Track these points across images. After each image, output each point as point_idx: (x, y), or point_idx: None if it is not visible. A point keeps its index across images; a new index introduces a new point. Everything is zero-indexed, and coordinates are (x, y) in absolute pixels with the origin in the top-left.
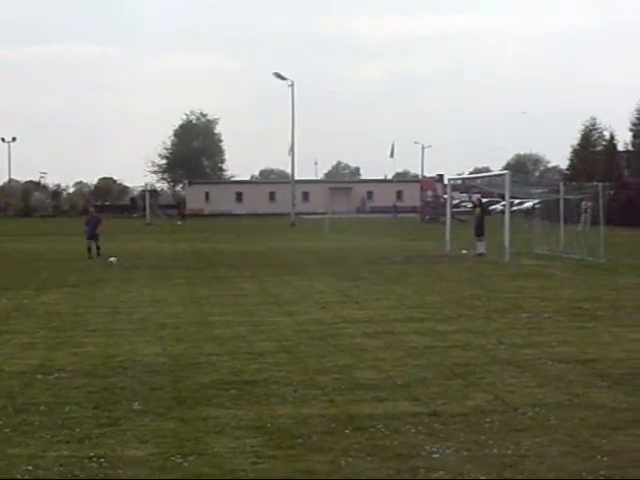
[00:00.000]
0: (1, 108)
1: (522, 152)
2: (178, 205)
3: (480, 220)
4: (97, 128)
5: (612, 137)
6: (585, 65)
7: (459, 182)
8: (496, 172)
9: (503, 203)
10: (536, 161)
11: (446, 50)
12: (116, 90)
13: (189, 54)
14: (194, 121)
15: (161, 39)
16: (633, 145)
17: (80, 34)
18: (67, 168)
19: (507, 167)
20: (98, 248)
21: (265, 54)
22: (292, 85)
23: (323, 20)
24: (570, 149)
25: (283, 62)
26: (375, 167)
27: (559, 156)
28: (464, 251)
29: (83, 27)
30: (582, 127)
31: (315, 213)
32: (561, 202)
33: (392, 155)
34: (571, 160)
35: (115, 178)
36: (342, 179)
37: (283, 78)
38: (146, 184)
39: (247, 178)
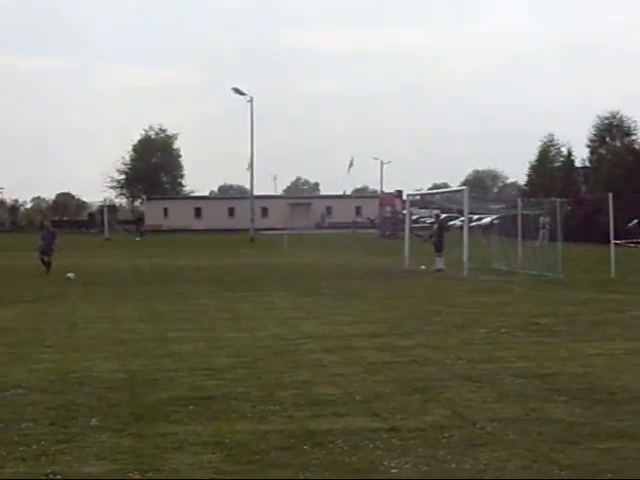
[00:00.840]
0: None
1: (480, 168)
2: (137, 221)
3: (439, 236)
4: (55, 143)
5: (570, 153)
6: (543, 82)
7: (418, 198)
8: (455, 188)
9: (462, 219)
10: (494, 177)
11: (404, 66)
12: (73, 103)
13: (146, 68)
14: (153, 136)
15: (117, 52)
16: (590, 161)
17: (34, 47)
18: (24, 183)
19: (466, 183)
20: (49, 264)
21: (224, 69)
22: (251, 100)
23: (282, 35)
24: (528, 165)
25: (242, 77)
26: (334, 183)
27: (517, 172)
28: (423, 267)
29: (37, 40)
30: (540, 143)
31: (274, 229)
32: (519, 218)
33: (349, 170)
34: (529, 176)
35: (73, 193)
36: (301, 195)
37: (242, 93)
38: (104, 199)
39: (206, 194)
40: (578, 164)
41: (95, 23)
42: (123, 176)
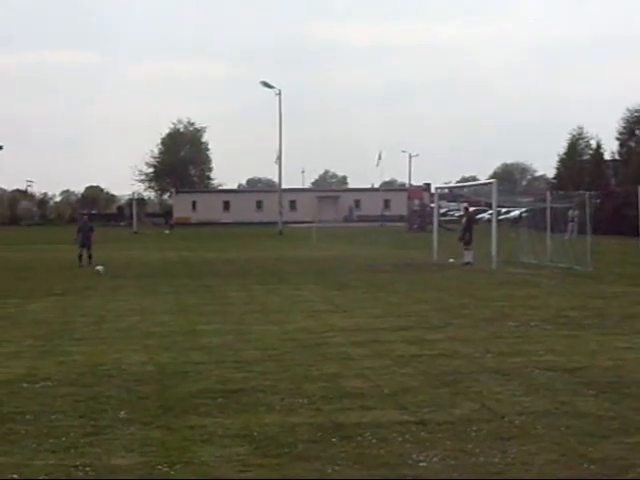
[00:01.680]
0: None
1: (509, 161)
2: (166, 214)
3: (468, 229)
4: (84, 136)
5: (599, 146)
6: (572, 75)
7: (446, 191)
8: (483, 181)
9: (490, 212)
10: (523, 170)
11: (434, 58)
12: (103, 98)
13: (176, 62)
14: (182, 130)
15: (148, 46)
16: (619, 154)
17: (67, 41)
18: (54, 177)
19: (494, 176)
20: (90, 257)
21: (253, 62)
22: (279, 93)
23: (311, 27)
24: (557, 158)
25: (271, 70)
26: (362, 176)
27: (546, 165)
28: (452, 260)
29: (69, 34)
30: (569, 136)
31: (302, 222)
32: (548, 211)
33: (378, 163)
34: (558, 169)
35: (102, 187)
36: (329, 188)
37: (270, 86)
38: (133, 193)
39: (234, 187)
40: (607, 157)
41: (126, 16)
42: (152, 169)
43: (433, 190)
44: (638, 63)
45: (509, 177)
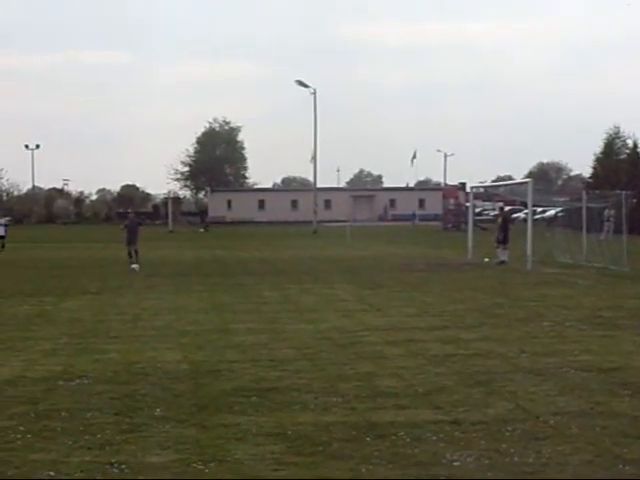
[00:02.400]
0: (25, 116)
1: (545, 160)
2: (201, 213)
3: (503, 228)
4: (120, 136)
5: (636, 145)
6: (608, 73)
7: (481, 190)
8: (518, 180)
9: (525, 211)
10: (559, 169)
11: (469, 58)
12: (138, 97)
13: (211, 62)
14: (217, 129)
15: (183, 46)
16: None
17: (102, 41)
18: (90, 175)
19: (529, 175)
20: (136, 253)
21: (288, 62)
22: (314, 92)
23: (346, 27)
24: (593, 157)
25: (306, 69)
26: (397, 175)
27: (582, 165)
28: (486, 259)
29: (106, 34)
30: (605, 135)
31: (337, 221)
32: (584, 210)
33: (412, 162)
34: (594, 168)
35: (138, 185)
36: (364, 187)
37: (305, 86)
38: (169, 191)
39: (269, 186)
40: None
41: (160, 16)
42: (187, 168)
43: (468, 189)
44: None
45: (545, 176)
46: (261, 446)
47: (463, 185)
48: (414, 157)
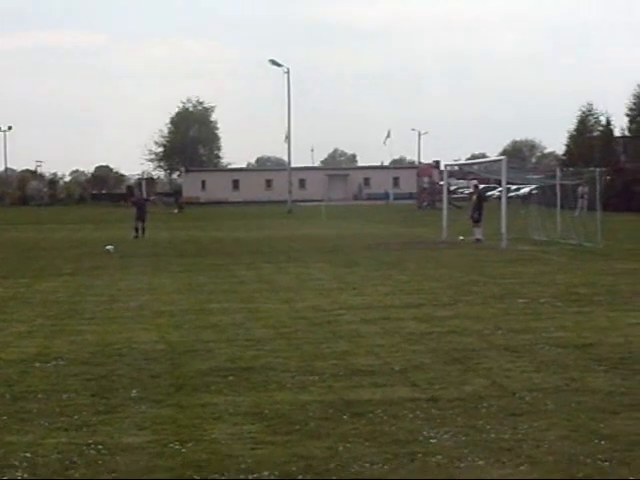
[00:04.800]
0: None
1: (518, 138)
2: (175, 193)
3: (478, 206)
4: (93, 116)
5: (609, 122)
6: (582, 51)
7: (456, 168)
8: (493, 158)
9: (500, 189)
10: (532, 147)
11: (443, 36)
12: (110, 78)
13: (185, 42)
14: (190, 109)
15: (155, 26)
16: (630, 130)
17: (74, 21)
18: (63, 157)
19: (504, 153)
20: (144, 230)
21: (261, 41)
22: (288, 72)
23: (319, 5)
24: (566, 135)
25: (279, 49)
26: (372, 154)
27: (555, 142)
28: (461, 237)
29: (78, 14)
30: (579, 113)
31: (312, 200)
32: (558, 188)
33: (386, 141)
34: (567, 146)
35: (111, 166)
36: (339, 166)
37: (279, 65)
38: (143, 172)
39: (243, 166)
40: (617, 133)
41: None
42: (161, 149)
43: (442, 167)
44: None
45: (518, 154)
46: (238, 425)
47: (437, 163)
48: (388, 136)
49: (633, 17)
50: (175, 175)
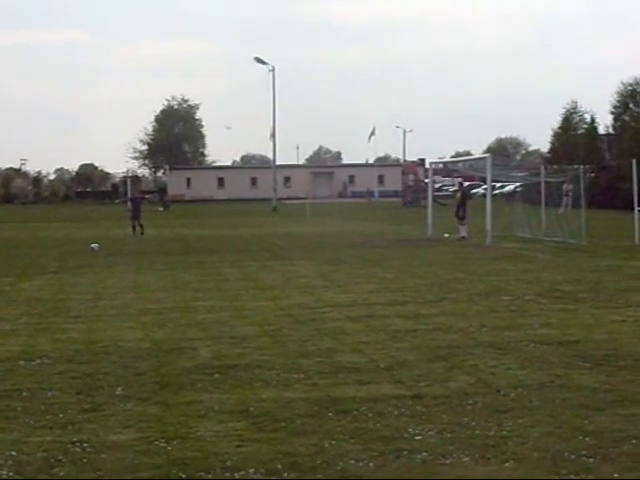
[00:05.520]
0: None
1: (503, 136)
2: (160, 191)
3: (462, 204)
4: (77, 114)
5: (593, 120)
6: (566, 48)
7: (440, 166)
8: (477, 156)
9: (485, 187)
10: (517, 145)
11: (427, 34)
12: (96, 76)
13: (169, 39)
14: (175, 106)
15: (140, 25)
16: (614, 128)
17: (59, 19)
18: (47, 155)
19: (488, 150)
20: (141, 226)
21: (246, 39)
22: (273, 70)
23: (304, 4)
24: (551, 132)
25: (264, 47)
26: (357, 151)
27: (540, 140)
28: (446, 235)
29: (62, 12)
30: (563, 110)
31: (297, 198)
32: (542, 185)
33: (370, 139)
34: (552, 143)
35: (96, 164)
36: (324, 164)
37: (264, 63)
38: (127, 170)
39: (228, 163)
40: (602, 131)
41: None
42: (146, 147)
43: (427, 165)
44: (632, 37)
45: (503, 152)
46: (224, 423)
47: (422, 161)
48: (372, 134)
49: (617, 15)
50: (160, 173)
